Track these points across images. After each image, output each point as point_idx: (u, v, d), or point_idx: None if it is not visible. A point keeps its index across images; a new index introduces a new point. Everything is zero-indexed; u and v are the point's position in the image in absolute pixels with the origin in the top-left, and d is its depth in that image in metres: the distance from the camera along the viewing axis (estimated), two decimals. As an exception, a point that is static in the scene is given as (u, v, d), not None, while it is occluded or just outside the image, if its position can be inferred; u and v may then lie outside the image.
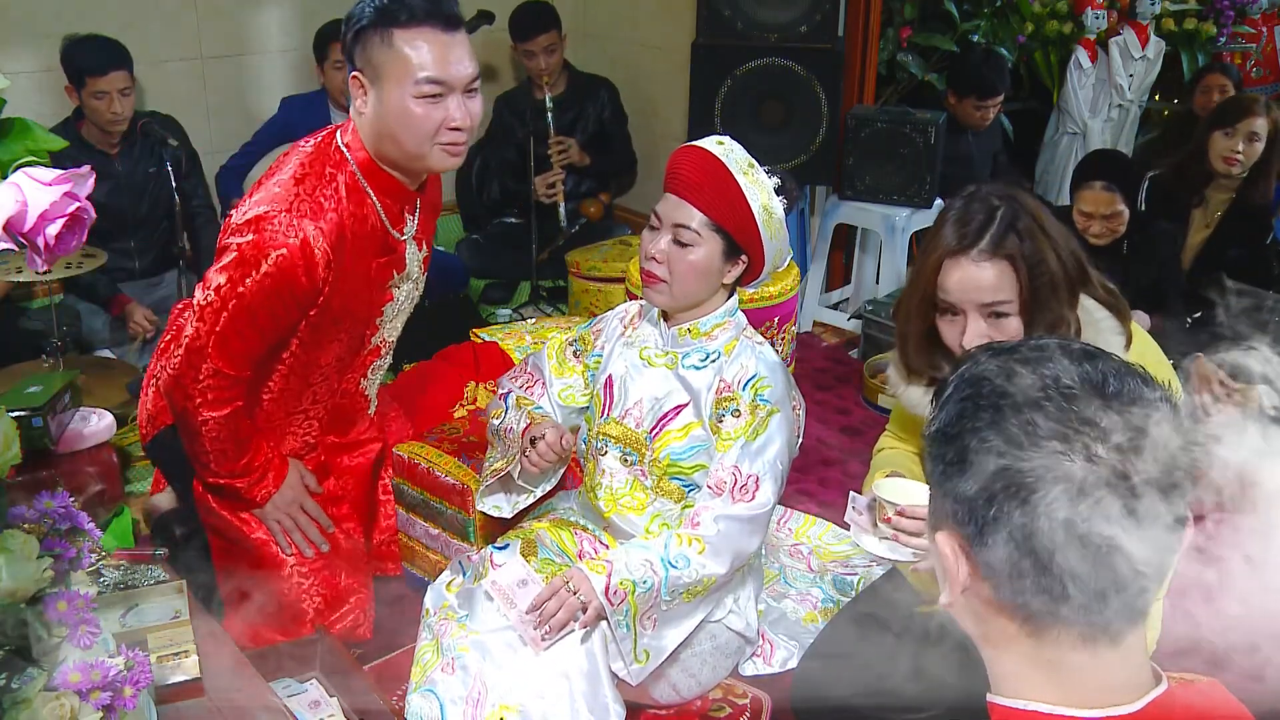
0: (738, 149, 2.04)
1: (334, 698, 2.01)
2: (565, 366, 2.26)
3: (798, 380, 3.73)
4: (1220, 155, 3.47)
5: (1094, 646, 0.91)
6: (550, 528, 2.18)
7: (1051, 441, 0.87)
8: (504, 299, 4.32)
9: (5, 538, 1.20)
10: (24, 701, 1.18)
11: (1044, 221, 1.76)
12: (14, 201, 1.11)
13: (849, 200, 4.02)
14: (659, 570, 1.94)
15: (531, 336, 2.96)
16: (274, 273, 1.97)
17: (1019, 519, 0.87)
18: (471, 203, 4.70)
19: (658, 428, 2.09)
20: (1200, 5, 5.40)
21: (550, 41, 4.20)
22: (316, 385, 2.26)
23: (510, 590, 1.97)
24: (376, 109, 1.99)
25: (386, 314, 2.25)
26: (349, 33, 1.98)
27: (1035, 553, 0.87)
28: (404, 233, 2.17)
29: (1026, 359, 0.92)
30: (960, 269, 1.75)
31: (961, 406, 0.92)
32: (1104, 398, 0.89)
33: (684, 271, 2.02)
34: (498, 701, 1.87)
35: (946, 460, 0.92)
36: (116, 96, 3.40)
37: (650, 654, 1.97)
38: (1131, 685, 0.93)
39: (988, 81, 4.29)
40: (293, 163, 2.05)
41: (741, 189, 1.99)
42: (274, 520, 2.25)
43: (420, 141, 1.99)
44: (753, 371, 2.05)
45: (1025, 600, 0.90)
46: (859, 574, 2.47)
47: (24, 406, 2.51)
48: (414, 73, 1.94)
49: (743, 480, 2.00)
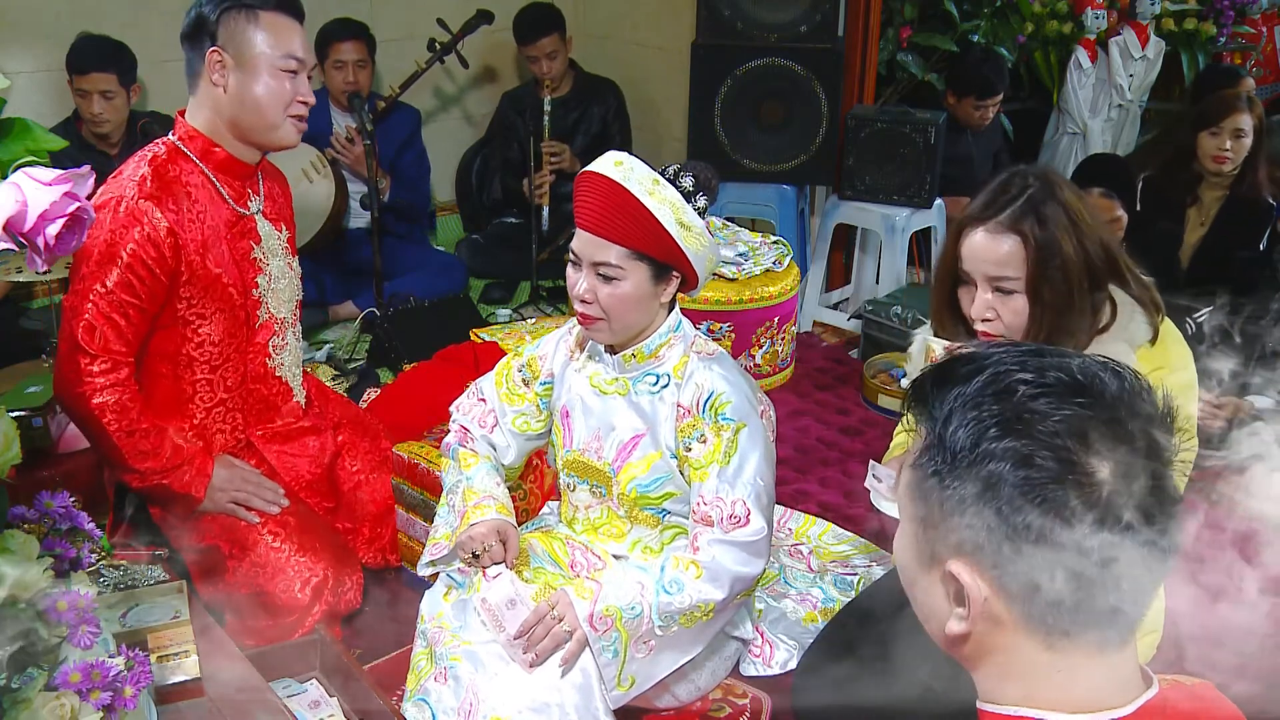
0: (638, 166, 1.91)
1: (334, 698, 2.01)
2: (515, 394, 2.17)
3: (797, 380, 3.75)
4: (1209, 155, 3.48)
5: (1104, 653, 0.91)
6: (542, 537, 2.17)
7: (1071, 453, 0.87)
8: (504, 299, 4.32)
9: (5, 538, 1.20)
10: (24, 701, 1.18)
11: (1074, 209, 1.79)
12: (14, 201, 1.11)
13: (849, 200, 4.02)
14: (650, 596, 1.89)
15: (531, 336, 2.96)
16: (121, 254, 2.11)
17: (1046, 534, 0.87)
18: (471, 203, 4.71)
19: (619, 460, 2.04)
20: (1200, 5, 5.40)
21: (553, 46, 4.20)
22: (223, 370, 2.30)
23: (499, 611, 1.93)
24: (239, 82, 2.18)
25: (262, 286, 2.32)
26: (210, 14, 2.17)
27: (1064, 572, 0.88)
28: (249, 208, 2.31)
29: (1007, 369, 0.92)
30: (975, 237, 1.81)
31: (977, 428, 0.90)
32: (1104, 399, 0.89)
33: (616, 306, 1.93)
34: (489, 713, 1.86)
35: (958, 487, 0.91)
36: (97, 98, 3.41)
37: (636, 680, 1.93)
38: (1124, 688, 0.93)
39: (987, 81, 4.30)
40: (129, 165, 2.20)
41: (650, 211, 1.87)
42: (226, 502, 2.28)
43: (277, 111, 2.21)
44: (709, 389, 1.96)
45: (1048, 617, 0.90)
46: (859, 574, 2.47)
47: (24, 406, 2.51)
48: (279, 48, 2.19)
49: (728, 509, 1.94)
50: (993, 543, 0.89)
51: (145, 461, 2.18)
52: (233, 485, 2.30)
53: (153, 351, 2.24)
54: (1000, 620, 0.92)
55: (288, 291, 2.40)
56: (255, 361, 2.37)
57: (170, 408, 2.28)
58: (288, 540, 2.29)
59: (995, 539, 0.89)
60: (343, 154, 3.97)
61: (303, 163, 3.92)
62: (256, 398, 2.39)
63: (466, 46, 4.17)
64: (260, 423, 2.41)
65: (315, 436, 2.49)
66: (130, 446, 2.17)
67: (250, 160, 2.29)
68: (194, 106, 2.25)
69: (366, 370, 3.56)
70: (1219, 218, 3.56)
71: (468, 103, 4.90)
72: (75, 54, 3.44)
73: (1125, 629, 0.92)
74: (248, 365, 2.35)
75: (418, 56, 4.12)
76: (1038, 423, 0.88)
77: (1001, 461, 0.88)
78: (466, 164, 4.72)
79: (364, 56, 3.96)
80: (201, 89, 2.22)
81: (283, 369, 2.43)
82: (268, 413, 2.42)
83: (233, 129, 2.23)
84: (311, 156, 3.93)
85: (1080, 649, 0.91)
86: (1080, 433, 0.88)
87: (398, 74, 4.16)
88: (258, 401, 2.40)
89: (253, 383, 2.38)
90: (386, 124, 4.04)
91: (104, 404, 2.13)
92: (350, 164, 3.98)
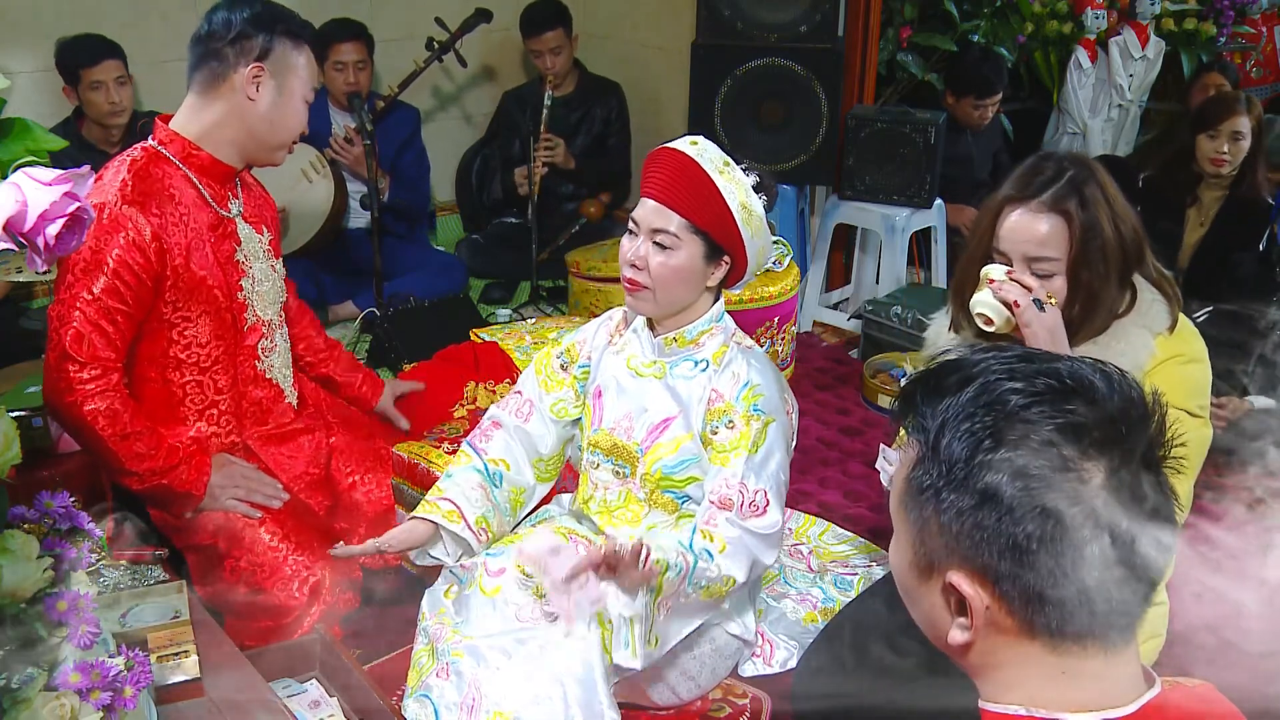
0: (711, 148, 1.99)
1: (334, 698, 2.01)
2: (554, 380, 2.21)
3: (797, 380, 3.75)
4: (1207, 158, 3.49)
5: (1106, 654, 0.92)
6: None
7: (1069, 463, 0.88)
8: (504, 299, 4.33)
9: (5, 538, 1.20)
10: (24, 701, 1.18)
11: (1111, 193, 1.80)
12: (14, 201, 1.11)
13: (849, 200, 4.02)
14: (689, 558, 1.89)
15: (531, 336, 2.96)
16: (107, 260, 2.11)
17: (1047, 541, 0.88)
18: (471, 202, 4.71)
19: (648, 440, 2.06)
20: (1200, 5, 5.40)
21: (557, 41, 4.20)
22: (212, 372, 2.30)
23: (542, 558, 1.83)
24: (274, 100, 2.23)
25: (247, 289, 2.32)
26: (265, 32, 2.21)
27: (1068, 574, 0.88)
28: (230, 210, 2.31)
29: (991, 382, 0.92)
30: (1017, 216, 1.79)
31: (972, 440, 0.90)
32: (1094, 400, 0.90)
33: (666, 276, 1.98)
34: (492, 708, 1.86)
35: (954, 499, 0.91)
36: (113, 85, 3.42)
37: (659, 641, 1.94)
38: (1126, 687, 0.93)
39: (985, 80, 4.30)
40: (109, 171, 2.21)
41: (718, 188, 1.94)
42: (227, 500, 2.28)
43: (289, 136, 2.31)
44: (745, 380, 2.00)
45: (1050, 623, 0.90)
46: (859, 574, 2.47)
47: (24, 406, 2.51)
48: (310, 80, 2.29)
49: (750, 496, 1.96)
50: (992, 553, 0.90)
51: (142, 464, 2.18)
52: (232, 482, 2.30)
53: (139, 356, 2.24)
54: (1003, 628, 0.92)
55: (272, 294, 2.40)
56: (245, 365, 2.36)
57: (161, 412, 2.28)
58: (285, 540, 2.29)
59: (994, 549, 0.89)
60: (342, 154, 3.97)
61: (302, 163, 3.92)
62: (250, 401, 2.39)
63: (465, 46, 4.18)
64: (254, 425, 2.41)
65: (309, 436, 2.49)
66: (126, 450, 2.16)
67: (233, 163, 2.29)
68: (194, 109, 2.24)
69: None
70: (1218, 218, 3.56)
71: (467, 102, 4.90)
72: (79, 50, 3.44)
73: (1127, 629, 0.92)
74: (238, 369, 2.35)
75: (417, 56, 4.12)
76: (1031, 432, 0.89)
77: (998, 473, 0.88)
78: (466, 164, 4.72)
79: (363, 57, 3.97)
80: (220, 96, 2.21)
81: (273, 371, 2.43)
82: (261, 415, 2.42)
83: (245, 139, 2.25)
84: (311, 156, 3.93)
85: (1084, 651, 0.91)
86: (1073, 439, 0.88)
87: (397, 74, 4.16)
88: (251, 404, 2.40)
89: (244, 385, 2.37)
90: (386, 124, 4.04)
91: (95, 410, 2.13)
92: (350, 164, 3.98)
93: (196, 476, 2.25)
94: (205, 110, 2.23)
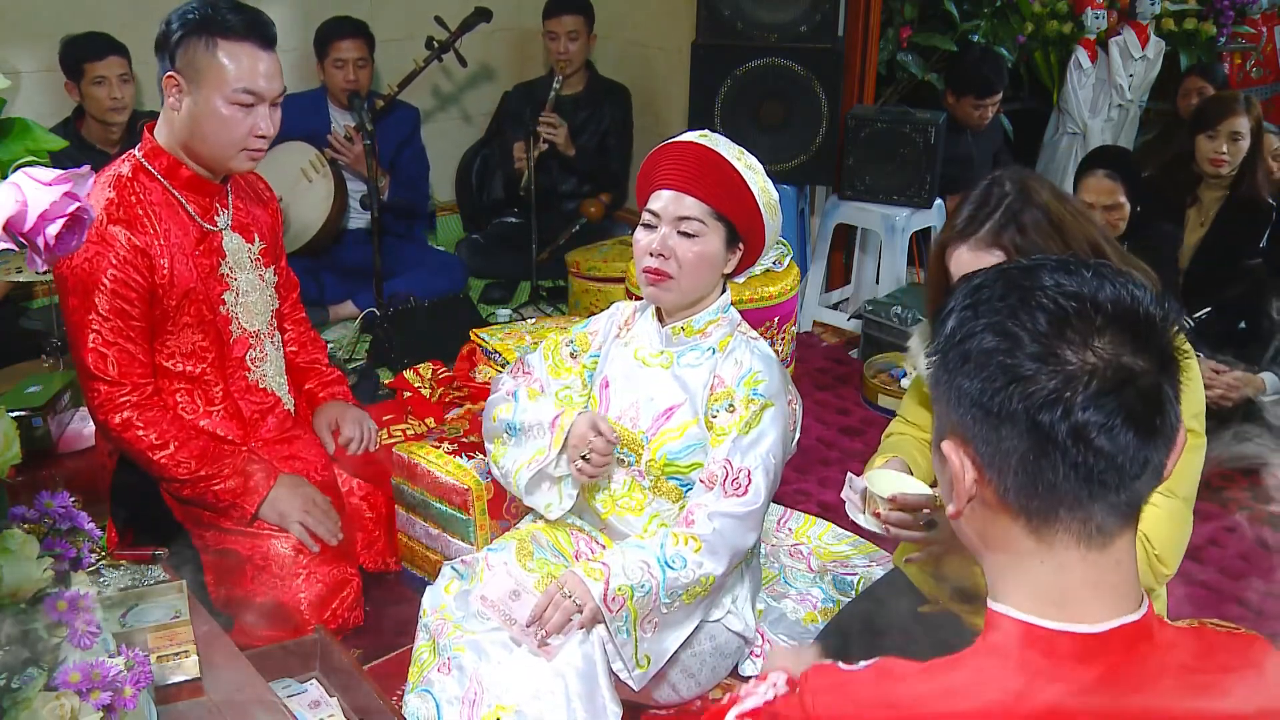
0: (722, 139, 2.03)
1: (334, 698, 2.01)
2: (561, 368, 2.23)
3: (797, 380, 3.75)
4: (1206, 158, 3.49)
5: (1087, 547, 0.93)
6: (546, 528, 2.18)
7: (1049, 337, 0.90)
8: (504, 299, 4.32)
9: (5, 538, 1.20)
10: (24, 701, 1.18)
11: (1054, 212, 1.75)
12: (14, 201, 1.11)
13: (849, 200, 4.02)
14: (656, 573, 1.92)
15: (531, 336, 2.95)
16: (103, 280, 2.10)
17: (1020, 411, 0.90)
18: (471, 202, 4.71)
19: (654, 428, 2.08)
20: (1200, 5, 5.40)
21: (575, 26, 4.20)
22: (202, 383, 2.29)
23: (503, 603, 1.94)
24: (191, 109, 2.14)
25: (229, 301, 2.30)
26: (173, 33, 2.12)
27: (1036, 444, 0.90)
28: (216, 224, 2.28)
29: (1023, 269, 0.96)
30: (959, 255, 1.78)
31: (962, 315, 0.95)
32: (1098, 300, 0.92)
33: (692, 262, 2.00)
34: (494, 702, 1.86)
35: (949, 366, 0.95)
36: (116, 82, 3.42)
37: (651, 659, 1.96)
38: (1106, 601, 0.94)
39: (986, 80, 4.30)
40: (96, 186, 2.18)
41: (739, 173, 1.98)
42: (294, 521, 2.27)
43: (227, 145, 2.16)
44: (748, 367, 2.04)
45: (1027, 497, 0.93)
46: (859, 574, 2.47)
47: (24, 406, 2.52)
48: (231, 82, 2.11)
49: (734, 474, 1.99)
50: (972, 419, 0.94)
51: (184, 471, 2.20)
52: (304, 506, 2.29)
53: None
54: (986, 500, 0.96)
55: (260, 304, 2.37)
56: (236, 376, 2.35)
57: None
58: (302, 549, 2.28)
59: (975, 415, 0.93)
60: (342, 153, 3.97)
61: (302, 162, 3.92)
62: (248, 409, 2.38)
63: (465, 45, 4.17)
64: (255, 434, 2.40)
65: (311, 441, 2.48)
66: (167, 460, 2.18)
67: (216, 179, 2.26)
68: (162, 118, 2.22)
69: (367, 370, 3.55)
70: (1218, 218, 3.56)
71: (466, 102, 4.90)
72: (82, 46, 3.45)
73: (1106, 521, 0.93)
74: (229, 381, 2.34)
75: (416, 55, 4.12)
76: (1021, 308, 0.92)
77: (984, 334, 0.93)
78: (466, 164, 4.71)
79: (364, 55, 3.96)
80: (167, 106, 2.19)
81: (266, 380, 2.42)
82: (257, 421, 2.41)
83: (187, 151, 2.20)
84: (310, 156, 3.93)
85: (1060, 539, 0.93)
86: (1067, 317, 0.91)
87: (397, 74, 4.16)
88: (250, 410, 2.39)
89: (238, 396, 2.36)
90: (385, 123, 4.04)
91: (127, 421, 2.16)
92: (349, 163, 3.98)
93: (246, 488, 2.25)
94: (165, 120, 2.22)
